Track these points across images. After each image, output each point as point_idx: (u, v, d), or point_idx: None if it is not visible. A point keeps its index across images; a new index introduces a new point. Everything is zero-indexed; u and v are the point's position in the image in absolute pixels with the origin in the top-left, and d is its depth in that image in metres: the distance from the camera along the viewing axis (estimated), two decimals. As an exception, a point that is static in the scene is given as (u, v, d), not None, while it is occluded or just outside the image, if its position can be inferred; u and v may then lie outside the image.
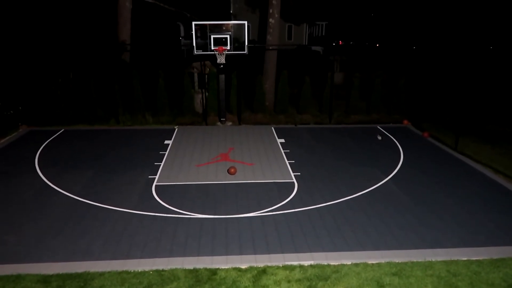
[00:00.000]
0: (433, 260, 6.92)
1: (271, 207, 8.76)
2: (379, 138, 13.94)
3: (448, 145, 13.12)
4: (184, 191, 9.57)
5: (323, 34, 33.17)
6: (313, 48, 28.67)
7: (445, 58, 18.03)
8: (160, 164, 11.31)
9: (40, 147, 12.72)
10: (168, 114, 16.02)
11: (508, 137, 13.76)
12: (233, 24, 14.94)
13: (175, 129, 14.89)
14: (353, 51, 26.62)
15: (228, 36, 14.48)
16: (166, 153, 12.27)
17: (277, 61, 17.44)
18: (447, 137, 13.66)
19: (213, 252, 7.06)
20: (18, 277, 6.34)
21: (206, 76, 16.25)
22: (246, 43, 14.73)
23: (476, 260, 6.95)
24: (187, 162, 11.58)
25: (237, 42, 14.96)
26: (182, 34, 29.96)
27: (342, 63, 24.03)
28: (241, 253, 7.03)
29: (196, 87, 17.22)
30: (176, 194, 9.39)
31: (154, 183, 10.00)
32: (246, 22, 14.83)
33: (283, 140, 13.59)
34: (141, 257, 6.89)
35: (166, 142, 13.35)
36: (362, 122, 16.17)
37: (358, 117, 16.61)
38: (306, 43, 32.45)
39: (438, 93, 16.85)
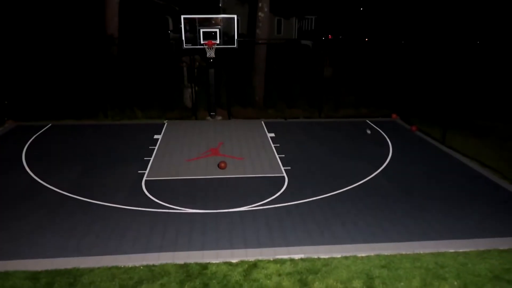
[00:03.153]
0: (421, 252, 7.03)
1: (262, 201, 8.79)
2: (368, 132, 14.05)
3: (436, 139, 13.29)
4: (174, 186, 9.54)
5: (313, 28, 33.18)
6: (303, 42, 28.67)
7: (433, 52, 18.17)
8: (150, 159, 11.24)
9: (27, 142, 12.53)
10: (157, 108, 15.89)
11: (496, 131, 13.97)
12: (222, 18, 14.81)
13: (164, 123, 14.80)
14: (342, 45, 26.67)
15: (217, 30, 14.38)
16: (156, 148, 12.20)
17: (266, 55, 17.39)
18: (435, 131, 13.81)
19: (203, 247, 7.06)
20: (6, 274, 6.26)
21: (196, 70, 16.14)
22: (236, 37, 14.65)
23: (463, 252, 7.08)
24: (177, 157, 11.52)
25: (226, 36, 14.86)
26: (171, 28, 29.68)
27: (331, 57, 24.06)
28: (231, 248, 7.05)
29: (186, 82, 17.10)
30: (166, 189, 9.35)
31: (144, 178, 9.94)
32: (235, 16, 14.72)
33: (273, 135, 13.61)
34: (131, 253, 6.86)
35: (155, 136, 13.26)
36: (351, 116, 16.27)
37: (347, 111, 16.69)
38: (296, 37, 32.42)
39: (426, 87, 17.00)
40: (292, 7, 30.31)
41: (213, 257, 6.79)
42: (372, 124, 15.14)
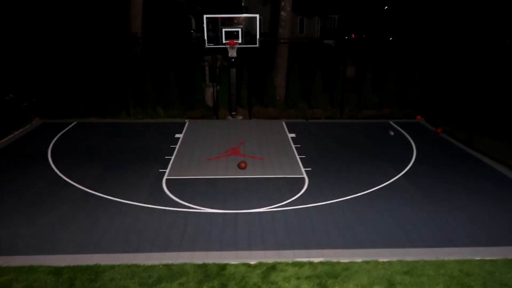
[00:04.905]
0: (446, 259, 6.81)
1: (281, 202, 8.72)
2: (392, 133, 13.76)
3: (462, 141, 12.89)
4: (194, 185, 9.58)
5: (336, 27, 32.79)
6: (325, 41, 28.37)
7: (460, 53, 17.64)
8: (171, 158, 11.33)
9: (53, 139, 12.85)
10: (178, 107, 16.03)
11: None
12: (245, 17, 14.80)
13: (186, 122, 14.91)
14: (365, 45, 26.25)
15: (239, 30, 14.39)
16: (177, 147, 12.29)
17: (288, 54, 17.28)
18: (461, 133, 13.41)
19: (222, 247, 7.05)
20: (31, 269, 6.41)
21: (217, 69, 16.19)
22: (258, 37, 14.61)
23: (490, 259, 6.82)
24: (197, 156, 11.58)
25: (248, 36, 14.84)
26: (194, 27, 29.89)
27: (354, 57, 23.72)
28: (250, 249, 7.01)
29: (207, 81, 17.18)
30: (186, 188, 9.40)
31: (165, 177, 10.02)
32: (257, 16, 14.69)
33: (294, 135, 13.50)
34: (150, 251, 6.91)
35: (176, 135, 13.37)
36: (374, 117, 15.98)
37: (370, 111, 16.41)
38: (318, 37, 32.12)
39: (452, 88, 16.53)
40: (315, 6, 30.03)
41: (231, 257, 6.76)
42: (395, 125, 14.82)
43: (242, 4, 30.87)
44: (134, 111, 15.68)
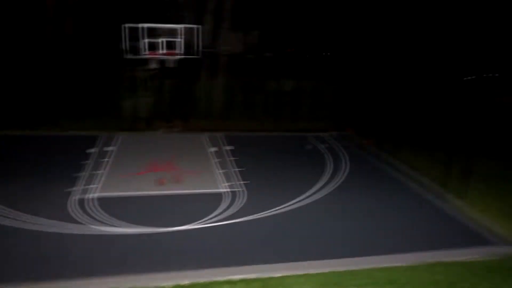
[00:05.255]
0: (372, 267, 7.11)
1: (213, 217, 8.59)
2: (324, 146, 14.26)
3: (387, 152, 13.64)
4: (121, 203, 9.10)
5: (274, 41, 33.47)
6: (265, 55, 28.78)
7: (387, 68, 18.80)
8: (95, 173, 10.70)
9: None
10: (104, 119, 15.11)
11: (444, 147, 14.50)
12: (184, 28, 14.53)
13: (112, 136, 14.05)
14: (303, 59, 27.03)
15: (178, 40, 14.10)
16: (104, 161, 11.65)
17: (226, 67, 17.34)
18: (387, 144, 14.18)
19: (152, 269, 6.75)
20: None
21: (151, 80, 15.73)
22: (197, 48, 14.44)
23: (408, 266, 7.22)
24: (123, 171, 11.01)
25: (187, 47, 14.62)
26: (128, 36, 28.84)
27: (292, 70, 24.30)
28: (182, 269, 6.79)
29: (140, 92, 16.60)
30: (113, 207, 8.88)
31: (88, 195, 9.42)
32: (197, 27, 14.49)
33: (230, 147, 13.47)
34: (74, 278, 6.41)
35: (104, 149, 12.70)
36: (308, 130, 16.45)
37: (305, 124, 16.87)
38: (257, 50, 32.57)
39: (379, 102, 17.52)
40: (254, 20, 30.43)
41: (163, 279, 6.48)
42: (326, 138, 15.40)
43: (181, 15, 30.47)
44: (49, 123, 14.44)
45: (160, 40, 13.95)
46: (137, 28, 13.71)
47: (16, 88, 14.69)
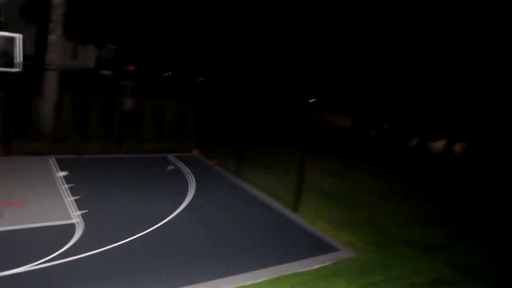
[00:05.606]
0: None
1: (49, 256, 7.51)
2: (170, 168, 14.14)
3: (231, 172, 14.42)
4: None
5: (112, 57, 31.98)
6: (101, 72, 27.18)
7: (230, 90, 20.01)
8: None
9: None
10: None
11: (279, 163, 16.13)
12: (2, 35, 12.53)
13: None
14: (144, 78, 26.55)
15: (-7, 50, 12.08)
16: None
17: (59, 82, 15.59)
18: (230, 165, 14.96)
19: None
20: None
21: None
22: (19, 60, 12.60)
23: (256, 283, 7.69)
24: None
25: (6, 57, 12.61)
26: None
27: (133, 89, 23.54)
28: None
29: None
30: None
31: None
32: (19, 36, 12.69)
33: (65, 173, 12.05)
34: None
35: None
36: (154, 151, 16.09)
37: (149, 145, 16.44)
38: (94, 66, 30.51)
39: (223, 123, 18.46)
40: (90, 33, 28.43)
41: None
42: (174, 159, 15.32)
43: (1, 19, 26.32)
44: None
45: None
46: None
47: None
